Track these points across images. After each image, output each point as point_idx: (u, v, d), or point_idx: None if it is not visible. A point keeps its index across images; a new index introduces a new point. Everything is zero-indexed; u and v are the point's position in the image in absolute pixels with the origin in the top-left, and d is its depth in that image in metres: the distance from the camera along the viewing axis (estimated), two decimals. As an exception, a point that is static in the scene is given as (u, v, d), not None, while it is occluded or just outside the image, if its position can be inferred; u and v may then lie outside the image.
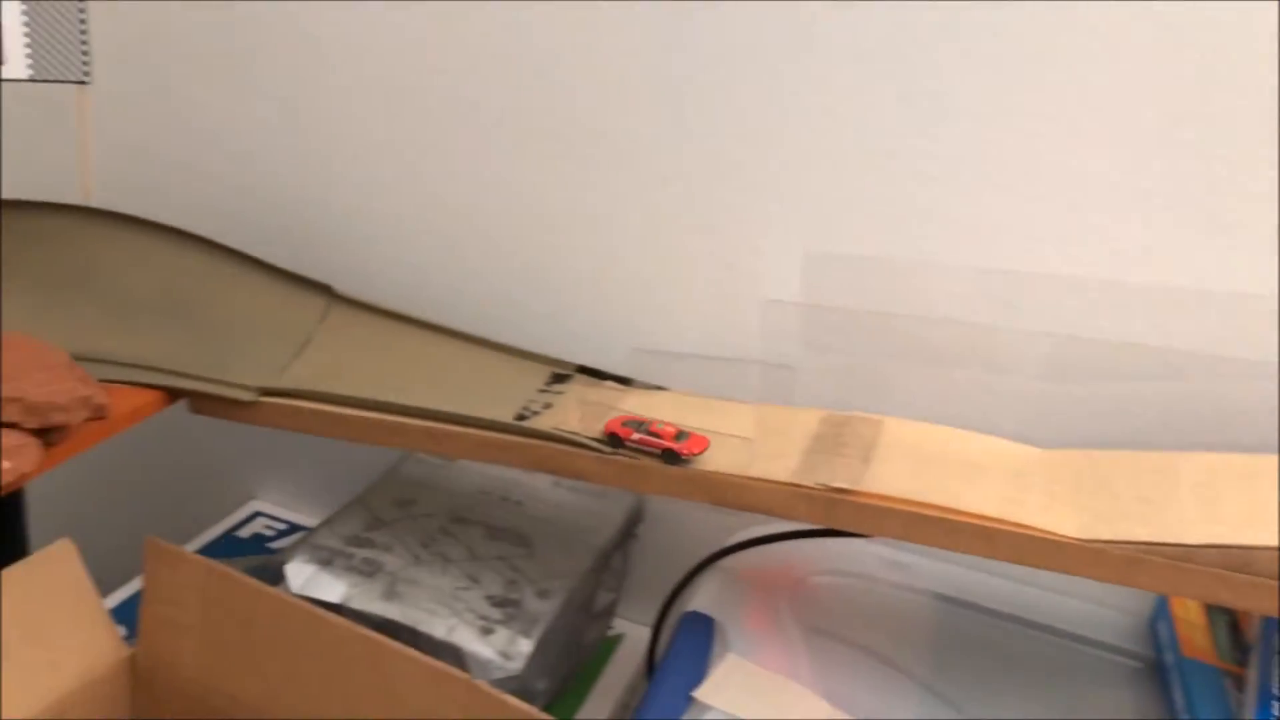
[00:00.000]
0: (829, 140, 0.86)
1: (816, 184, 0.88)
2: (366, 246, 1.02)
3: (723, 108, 0.88)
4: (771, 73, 0.86)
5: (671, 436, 0.77)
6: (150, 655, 0.83)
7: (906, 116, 0.84)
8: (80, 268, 0.91)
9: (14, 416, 0.72)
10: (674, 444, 0.76)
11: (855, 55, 0.84)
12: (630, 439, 0.77)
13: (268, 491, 1.22)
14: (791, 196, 0.89)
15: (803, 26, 0.84)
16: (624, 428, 0.78)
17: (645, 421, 0.78)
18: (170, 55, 1.04)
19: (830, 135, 0.86)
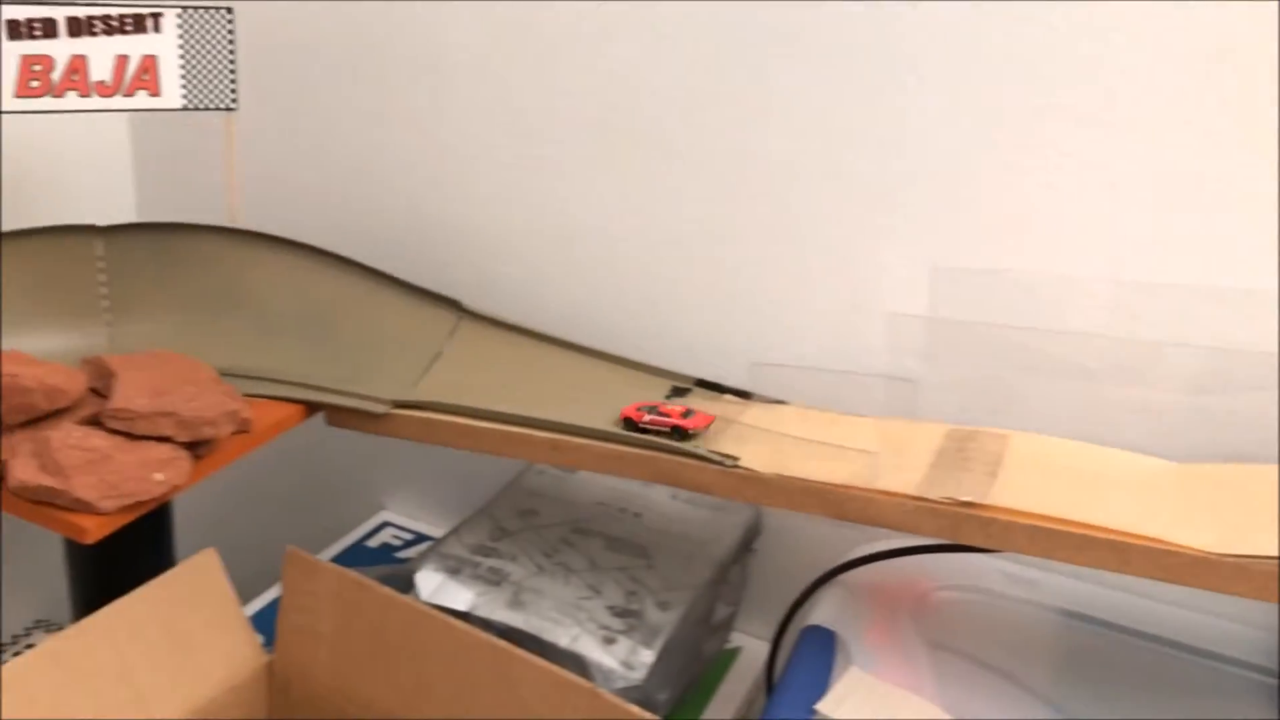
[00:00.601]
0: (954, 151, 0.86)
1: (941, 195, 0.87)
2: (493, 263, 1.05)
3: (844, 120, 0.89)
4: (893, 84, 0.86)
5: (679, 415, 0.82)
6: (287, 662, 0.87)
7: (1033, 127, 0.83)
8: (225, 287, 0.96)
9: (166, 430, 0.76)
10: (681, 420, 0.81)
11: (981, 66, 0.83)
12: (643, 421, 0.83)
13: (396, 502, 1.26)
14: (915, 208, 0.88)
15: (925, 37, 0.84)
16: (638, 412, 0.84)
17: (655, 405, 0.84)
18: (307, 82, 1.09)
19: (956, 146, 0.86)
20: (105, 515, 0.72)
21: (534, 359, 0.95)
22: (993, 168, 0.85)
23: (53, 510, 0.72)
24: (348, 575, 0.82)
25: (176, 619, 0.82)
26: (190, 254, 0.95)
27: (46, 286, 0.92)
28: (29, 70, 0.84)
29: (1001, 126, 0.84)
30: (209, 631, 0.84)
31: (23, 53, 0.83)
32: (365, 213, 1.10)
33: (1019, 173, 0.84)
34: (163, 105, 0.89)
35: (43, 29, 0.83)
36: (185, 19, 0.87)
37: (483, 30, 0.99)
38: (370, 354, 0.95)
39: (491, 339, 0.97)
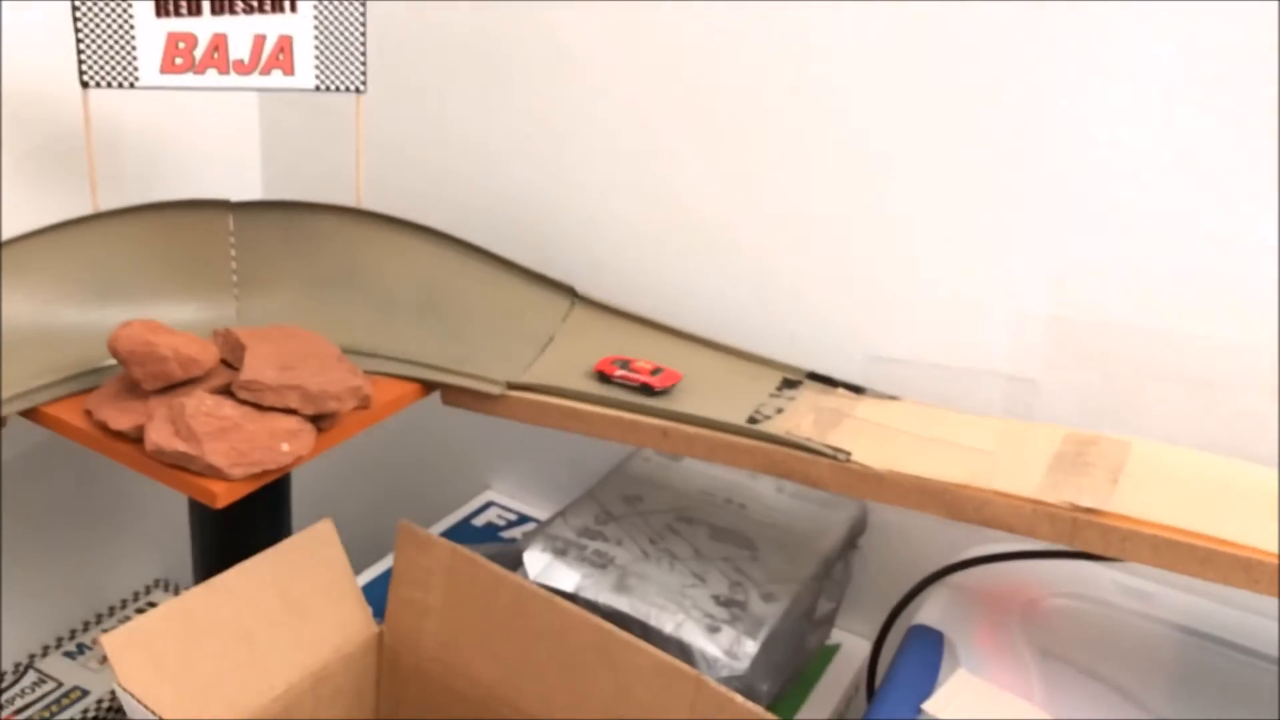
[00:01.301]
0: (1082, 148, 0.84)
1: (1068, 193, 0.85)
2: (608, 250, 1.06)
3: (969, 112, 0.87)
4: (1021, 79, 0.84)
5: (648, 373, 0.86)
6: (396, 633, 0.89)
7: (1161, 127, 0.80)
8: (348, 266, 0.98)
9: (293, 403, 0.78)
10: (649, 379, 0.86)
11: (1111, 62, 0.81)
12: (615, 376, 0.87)
13: (500, 483, 1.28)
14: (1040, 205, 0.86)
15: (1054, 33, 0.82)
16: (611, 366, 0.88)
17: (628, 360, 0.88)
18: (431, 66, 1.11)
19: (1084, 143, 0.83)
20: (234, 481, 0.75)
21: (645, 346, 0.95)
22: (1125, 165, 0.82)
23: (185, 474, 0.75)
24: (459, 551, 0.84)
25: (294, 585, 0.84)
26: (316, 232, 0.98)
27: (180, 258, 0.95)
28: (174, 47, 0.87)
29: (1136, 124, 0.81)
30: (324, 599, 0.86)
31: (169, 30, 0.86)
32: (484, 197, 1.12)
33: (1151, 171, 0.82)
34: (296, 85, 0.92)
35: (188, 7, 0.86)
36: (321, 1, 0.89)
37: (606, 24, 1.00)
38: (485, 336, 0.96)
39: (604, 325, 0.98)
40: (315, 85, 0.92)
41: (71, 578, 1.23)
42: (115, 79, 0.86)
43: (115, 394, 0.80)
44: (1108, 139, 0.82)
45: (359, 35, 0.91)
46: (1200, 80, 0.78)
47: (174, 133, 1.15)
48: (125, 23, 0.85)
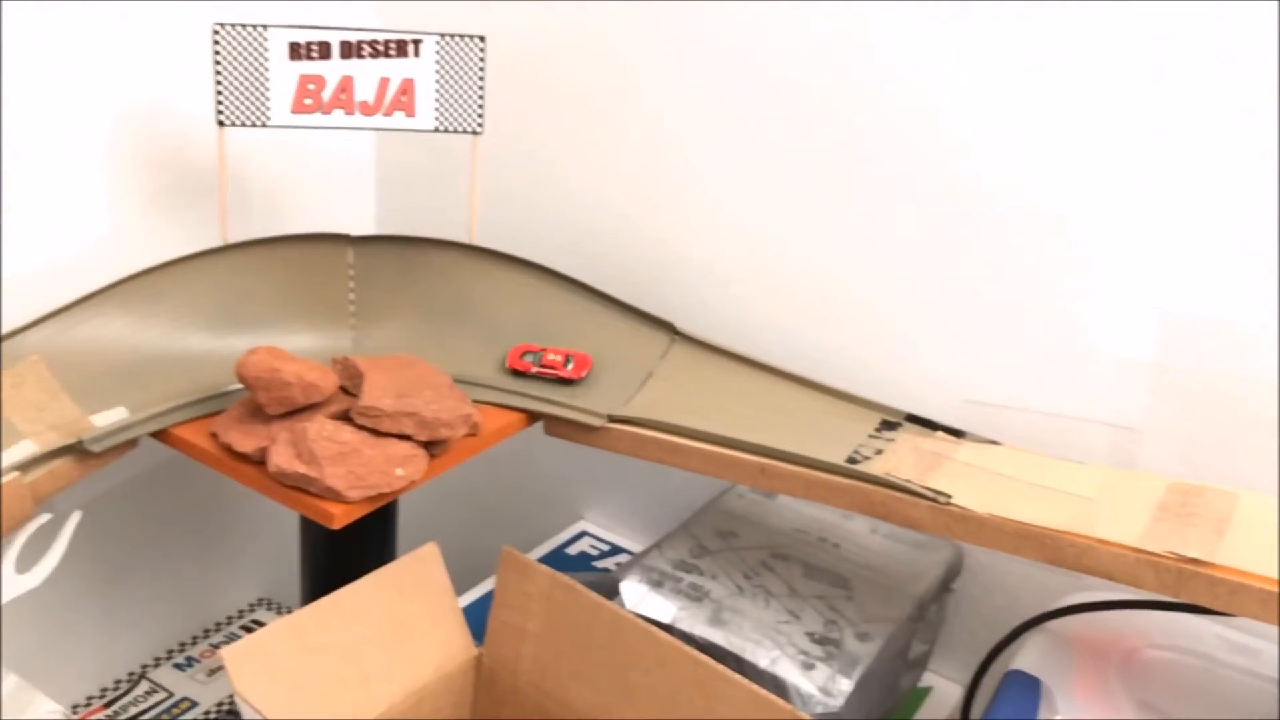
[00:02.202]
0: (1186, 193, 0.83)
1: (1171, 239, 0.85)
2: (707, 288, 1.08)
3: (1069, 153, 0.87)
4: (1122, 121, 0.84)
5: (561, 365, 0.93)
6: (495, 656, 0.91)
7: (1267, 172, 0.80)
8: (458, 299, 1.02)
9: (408, 429, 0.82)
10: (564, 371, 0.94)
11: (1219, 105, 0.81)
12: (530, 372, 0.93)
13: (593, 514, 1.30)
14: (1143, 250, 0.86)
15: (1155, 74, 0.82)
16: (522, 361, 0.94)
17: (539, 352, 0.95)
18: (541, 110, 1.15)
19: (1189, 188, 0.83)
20: (351, 504, 0.78)
21: (743, 383, 0.97)
22: (1229, 212, 0.82)
23: (304, 496, 0.79)
24: (559, 578, 0.86)
25: (400, 606, 0.87)
26: (430, 266, 1.02)
27: (302, 289, 1.00)
28: (304, 88, 0.92)
29: (1241, 170, 0.81)
30: (427, 621, 0.89)
31: (301, 72, 0.91)
32: (589, 235, 1.15)
33: (1250, 221, 0.81)
34: (416, 126, 0.96)
35: (319, 51, 0.91)
36: (443, 45, 0.93)
37: (709, 68, 1.02)
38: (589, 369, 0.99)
39: (702, 362, 1.00)
40: (434, 126, 0.96)
41: (182, 593, 1.28)
42: (249, 118, 0.91)
43: (240, 418, 0.84)
44: (1211, 188, 0.82)
45: (478, 80, 0.95)
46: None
47: (294, 169, 1.21)
48: (260, 66, 0.90)
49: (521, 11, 1.11)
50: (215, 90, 0.90)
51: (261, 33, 0.89)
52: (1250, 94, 0.79)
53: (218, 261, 0.96)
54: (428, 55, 0.94)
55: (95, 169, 1.00)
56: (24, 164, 0.94)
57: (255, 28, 0.89)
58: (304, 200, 1.22)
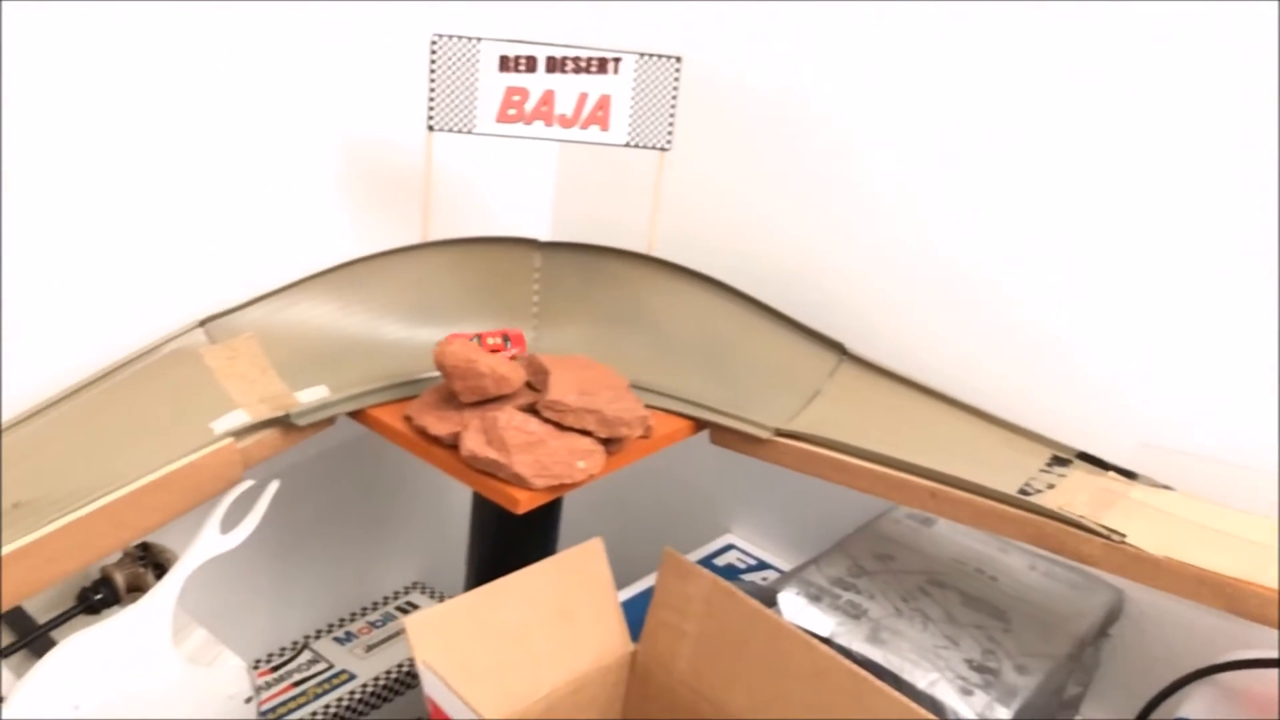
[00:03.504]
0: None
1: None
2: (878, 312, 1.09)
3: (1260, 203, 0.86)
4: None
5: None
6: (650, 653, 0.94)
7: None
8: (635, 307, 1.06)
9: (589, 426, 0.85)
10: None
11: None
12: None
13: (741, 528, 1.32)
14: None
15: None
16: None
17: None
18: (727, 131, 1.18)
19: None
20: (535, 491, 0.82)
21: (911, 408, 0.98)
22: None
23: (491, 480, 0.83)
24: (720, 582, 0.88)
25: (566, 596, 0.91)
26: (610, 274, 1.06)
27: (489, 287, 1.05)
28: (510, 99, 0.97)
29: None
30: (590, 612, 0.92)
31: (507, 84, 0.96)
32: (763, 252, 1.17)
33: None
34: (609, 140, 1.00)
35: (526, 64, 0.96)
36: (641, 64, 0.97)
37: (891, 97, 1.04)
38: (755, 383, 1.01)
39: (870, 384, 1.01)
40: (626, 141, 1.00)
41: (346, 570, 1.34)
42: (457, 125, 0.97)
43: (433, 404, 0.89)
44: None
45: (670, 99, 0.99)
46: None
47: (478, 174, 1.26)
48: (471, 75, 0.96)
49: (715, 34, 1.14)
50: (428, 96, 0.96)
51: (475, 44, 0.95)
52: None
53: (417, 257, 1.01)
54: (626, 73, 0.98)
55: (315, 166, 1.07)
56: (257, 162, 1.02)
57: (470, 39, 0.94)
58: (485, 204, 1.27)
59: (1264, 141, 0.85)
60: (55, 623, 0.89)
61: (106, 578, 0.91)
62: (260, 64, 0.99)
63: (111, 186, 0.93)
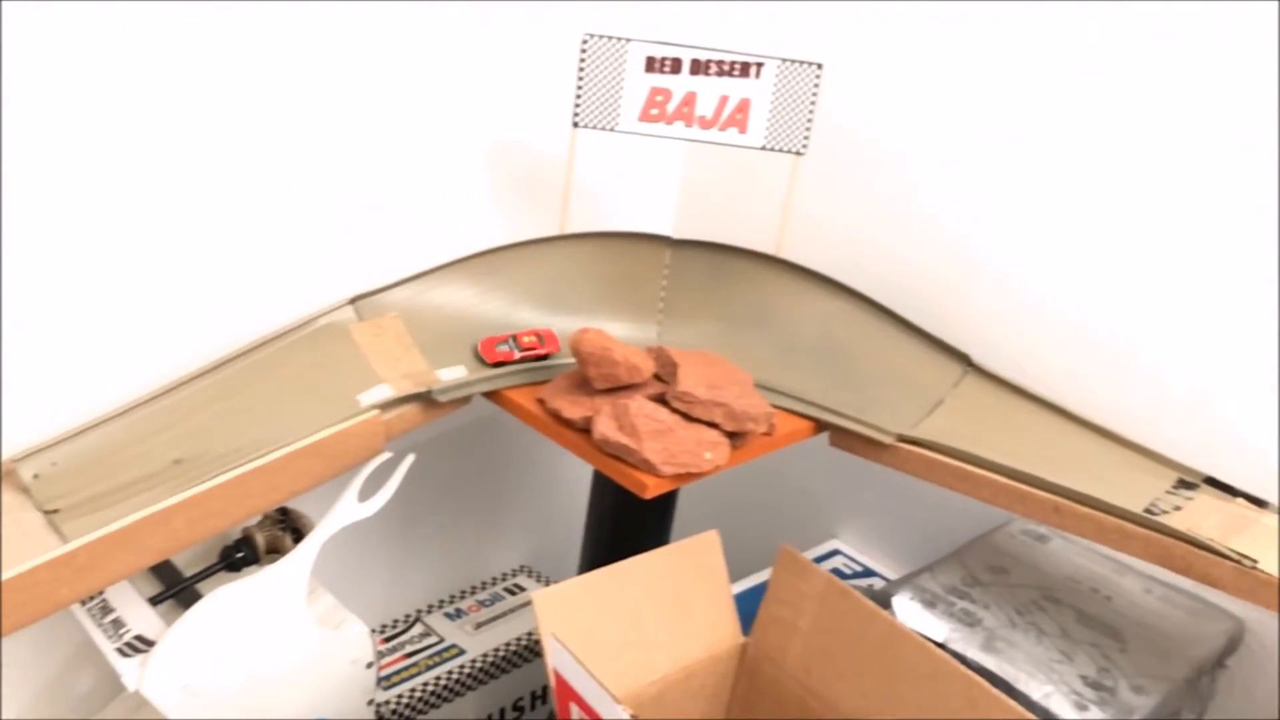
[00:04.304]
0: None
1: None
2: (1003, 328, 1.09)
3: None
4: None
5: (537, 344, 0.98)
6: (761, 646, 0.96)
7: None
8: (760, 307, 1.07)
9: (716, 418, 0.88)
10: (541, 349, 0.98)
11: None
12: (514, 359, 0.97)
13: (847, 534, 1.33)
14: None
15: None
16: (499, 351, 0.96)
17: (511, 338, 0.98)
18: (856, 135, 1.19)
19: None
20: (662, 478, 0.84)
21: (1035, 423, 0.98)
22: None
23: (621, 465, 0.86)
24: (835, 581, 0.89)
25: (682, 584, 0.93)
26: (737, 273, 1.08)
27: (619, 281, 1.08)
28: (653, 100, 1.00)
29: None
30: (704, 602, 0.95)
31: (652, 84, 0.99)
32: (891, 259, 1.18)
33: None
34: (746, 143, 1.02)
35: (671, 66, 0.99)
36: (783, 70, 0.99)
37: (1031, 113, 1.03)
38: (878, 389, 1.02)
39: (995, 397, 1.01)
40: (763, 145, 1.02)
41: (459, 549, 1.39)
42: (601, 122, 1.00)
43: (565, 389, 0.92)
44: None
45: (809, 104, 1.00)
46: None
47: (609, 169, 1.29)
48: (618, 76, 0.99)
49: (855, 42, 1.15)
50: (575, 94, 0.99)
51: (624, 45, 0.98)
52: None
53: (553, 248, 1.05)
54: (767, 78, 1.00)
55: (461, 159, 1.11)
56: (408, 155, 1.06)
57: (619, 40, 0.97)
58: (610, 200, 1.30)
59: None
60: (200, 576, 0.94)
61: (248, 538, 0.96)
62: (421, 66, 1.04)
63: (285, 180, 0.98)
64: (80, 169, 0.86)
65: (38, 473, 0.83)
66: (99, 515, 0.78)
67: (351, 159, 1.02)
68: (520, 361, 0.97)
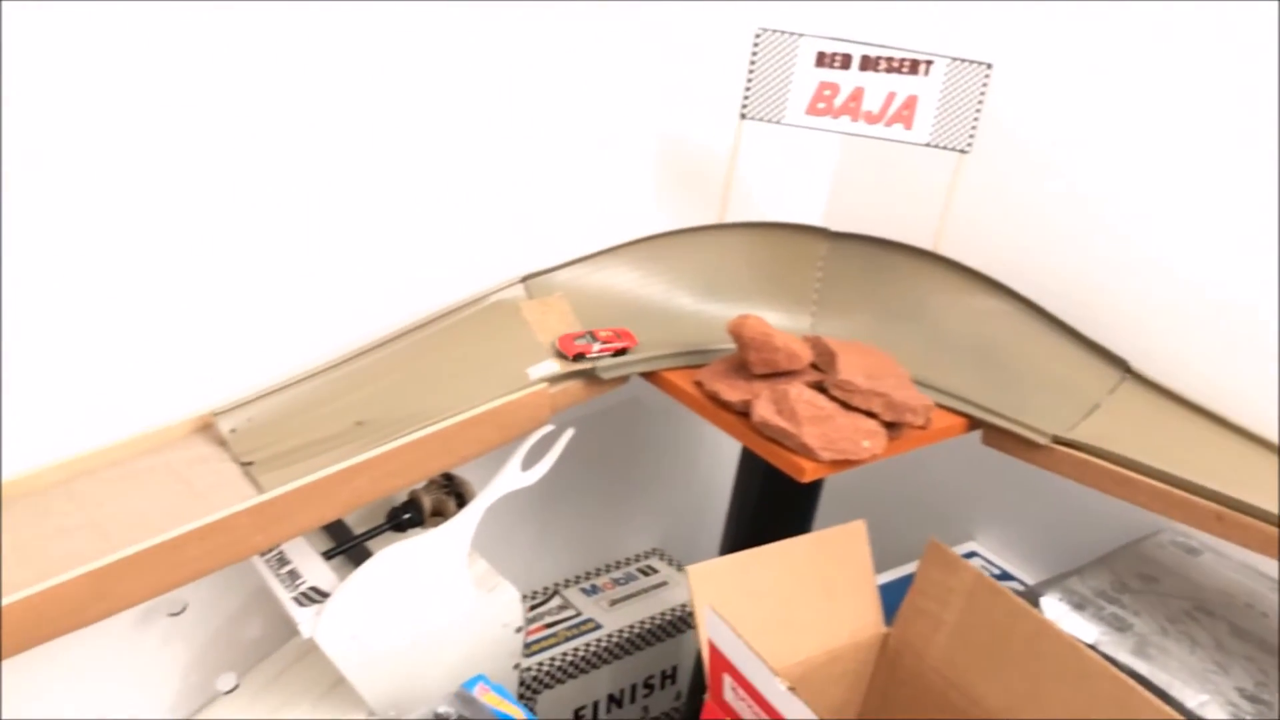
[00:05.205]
0: None
1: None
2: (1169, 332, 1.07)
3: None
4: None
5: (615, 339, 0.97)
6: (904, 638, 0.97)
7: None
8: (916, 303, 1.08)
9: (875, 408, 0.89)
10: (619, 343, 0.97)
11: None
12: (593, 352, 0.96)
13: (984, 537, 1.33)
14: None
15: None
16: (577, 344, 0.96)
17: (589, 333, 0.97)
18: (1020, 135, 1.19)
19: None
20: (820, 463, 0.86)
21: (1195, 433, 0.96)
22: None
23: (779, 448, 0.88)
24: (984, 577, 0.90)
25: (828, 571, 0.95)
26: (894, 268, 1.09)
27: (774, 271, 1.10)
28: (820, 94, 1.02)
29: None
30: (849, 590, 0.96)
31: (820, 79, 1.01)
32: (1049, 262, 1.17)
33: None
34: (910, 139, 1.03)
35: (840, 62, 1.01)
36: (952, 69, 1.00)
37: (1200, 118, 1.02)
38: (1032, 390, 1.02)
39: (1154, 404, 1.00)
40: (927, 142, 1.03)
41: (597, 527, 1.43)
42: (768, 115, 1.02)
43: (723, 372, 0.95)
44: None
45: (976, 103, 1.01)
46: None
47: (763, 161, 1.31)
48: (788, 70, 1.01)
49: (1025, 44, 1.15)
50: (745, 86, 1.01)
51: (795, 40, 1.00)
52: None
53: (712, 236, 1.07)
54: (936, 75, 1.00)
55: (627, 148, 1.15)
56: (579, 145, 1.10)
57: (791, 34, 0.99)
58: (763, 190, 1.32)
59: None
60: (369, 535, 1.00)
61: (415, 500, 1.01)
62: (595, 62, 1.07)
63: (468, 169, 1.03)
64: (298, 152, 0.92)
65: (234, 427, 0.89)
66: (292, 469, 0.84)
67: (525, 149, 1.06)
68: (602, 356, 0.98)
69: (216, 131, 0.87)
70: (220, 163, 0.89)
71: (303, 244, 0.96)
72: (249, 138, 0.89)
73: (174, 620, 1.05)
